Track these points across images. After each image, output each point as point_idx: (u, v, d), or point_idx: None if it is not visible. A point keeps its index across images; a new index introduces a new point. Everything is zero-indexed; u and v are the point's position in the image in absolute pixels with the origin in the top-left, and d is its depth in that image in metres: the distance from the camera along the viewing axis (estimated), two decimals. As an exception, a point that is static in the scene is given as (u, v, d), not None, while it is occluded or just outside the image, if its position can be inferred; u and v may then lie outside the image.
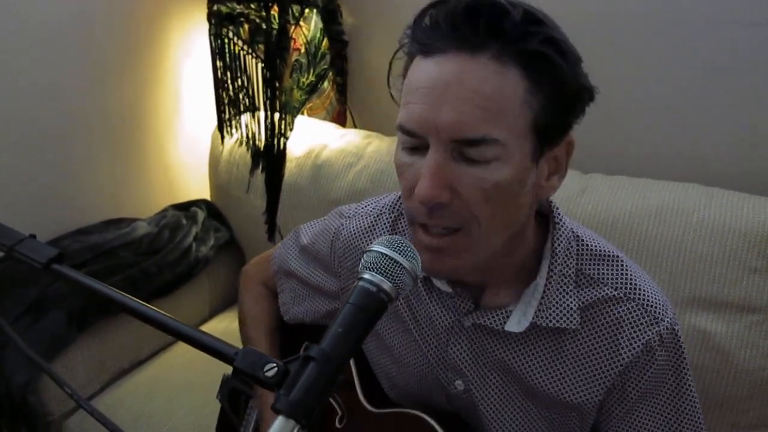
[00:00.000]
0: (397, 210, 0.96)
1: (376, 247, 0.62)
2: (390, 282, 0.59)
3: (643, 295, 0.83)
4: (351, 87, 1.86)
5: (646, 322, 0.82)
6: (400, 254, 0.60)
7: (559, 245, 0.83)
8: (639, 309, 0.82)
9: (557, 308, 0.82)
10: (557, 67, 0.70)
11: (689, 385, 0.85)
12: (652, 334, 0.81)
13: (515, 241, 0.80)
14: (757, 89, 1.35)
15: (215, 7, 1.59)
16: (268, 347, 1.11)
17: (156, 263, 1.57)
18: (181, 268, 1.63)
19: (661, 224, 1.28)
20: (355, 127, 1.90)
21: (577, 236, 0.85)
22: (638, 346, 0.81)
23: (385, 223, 0.96)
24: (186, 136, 1.87)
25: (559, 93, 0.71)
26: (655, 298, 0.83)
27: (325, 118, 1.83)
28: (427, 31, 0.71)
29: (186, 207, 1.80)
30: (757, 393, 1.22)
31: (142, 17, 1.67)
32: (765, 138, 1.38)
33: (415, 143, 0.72)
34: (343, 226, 0.99)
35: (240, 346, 1.20)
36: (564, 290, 0.82)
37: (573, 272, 0.83)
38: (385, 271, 0.59)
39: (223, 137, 1.74)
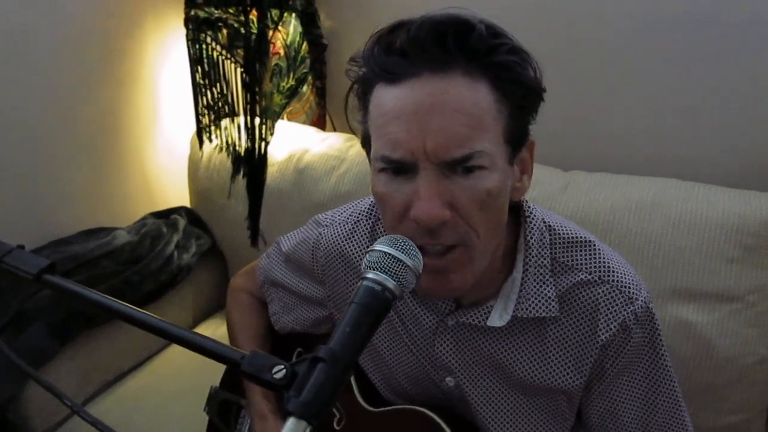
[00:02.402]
0: (374, 215, 0.96)
1: (378, 247, 0.62)
2: (394, 280, 0.60)
3: (617, 276, 0.85)
4: (330, 91, 1.86)
5: (620, 302, 0.84)
6: (403, 253, 0.61)
7: (531, 237, 0.85)
8: (613, 291, 0.85)
9: (536, 299, 0.84)
10: (522, 75, 0.72)
11: (664, 360, 0.89)
12: (628, 313, 0.84)
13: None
14: (730, 86, 1.39)
15: (192, 12, 1.58)
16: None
17: (138, 272, 1.55)
18: (164, 276, 1.61)
19: (642, 219, 1.31)
20: (334, 130, 1.90)
21: (549, 226, 0.87)
22: (615, 326, 0.84)
23: (363, 230, 0.96)
24: (164, 143, 1.85)
25: (525, 99, 0.74)
26: (629, 279, 0.86)
27: (304, 122, 1.82)
28: (393, 58, 0.70)
29: (166, 215, 1.78)
30: (738, 379, 1.25)
31: (117, 24, 1.65)
32: (738, 133, 1.41)
33: (397, 169, 0.72)
34: (322, 236, 1.00)
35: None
36: (541, 280, 0.85)
37: (548, 262, 0.85)
38: (388, 270, 0.60)
39: (202, 143, 1.72)
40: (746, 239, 1.23)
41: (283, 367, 0.55)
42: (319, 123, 1.87)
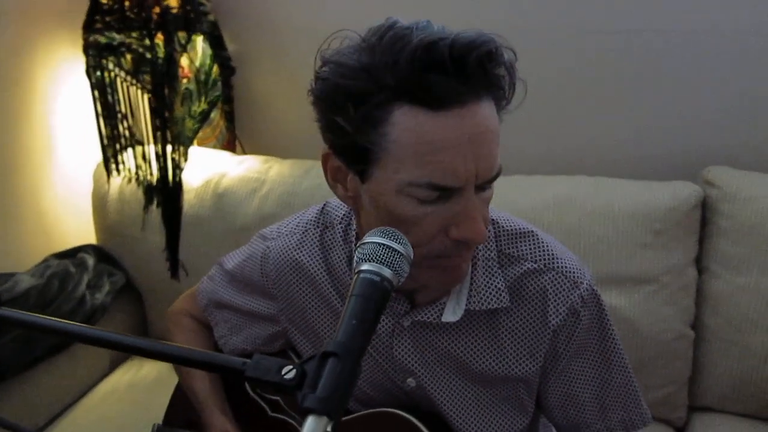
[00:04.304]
0: (322, 224, 0.96)
1: (369, 239, 0.62)
2: (390, 269, 0.60)
3: (561, 263, 0.89)
4: (238, 114, 1.83)
5: (567, 287, 0.87)
6: (395, 242, 0.62)
7: None
8: (559, 277, 0.88)
9: (487, 291, 0.86)
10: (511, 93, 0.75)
11: (614, 339, 0.92)
12: (575, 297, 0.87)
13: None
14: (627, 90, 1.52)
15: (92, 38, 1.50)
16: (208, 382, 1.05)
17: (50, 316, 1.43)
18: (78, 318, 1.50)
19: (559, 214, 1.39)
20: (244, 154, 1.87)
21: (492, 220, 0.90)
22: (564, 310, 0.87)
23: (313, 238, 0.95)
24: (62, 178, 1.73)
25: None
26: (572, 264, 0.89)
27: (215, 147, 1.78)
28: (438, 85, 0.68)
29: (71, 254, 1.66)
30: (661, 354, 1.36)
31: (2, 54, 1.53)
32: (635, 129, 1.55)
33: (439, 195, 0.72)
34: (269, 249, 0.98)
35: (169, 390, 1.14)
36: (489, 273, 0.87)
37: (495, 254, 0.88)
38: (383, 260, 0.60)
39: (109, 175, 1.63)
40: (655, 225, 1.34)
41: (292, 367, 0.53)
42: (230, 148, 1.83)
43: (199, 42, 1.62)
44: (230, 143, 1.83)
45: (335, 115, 0.72)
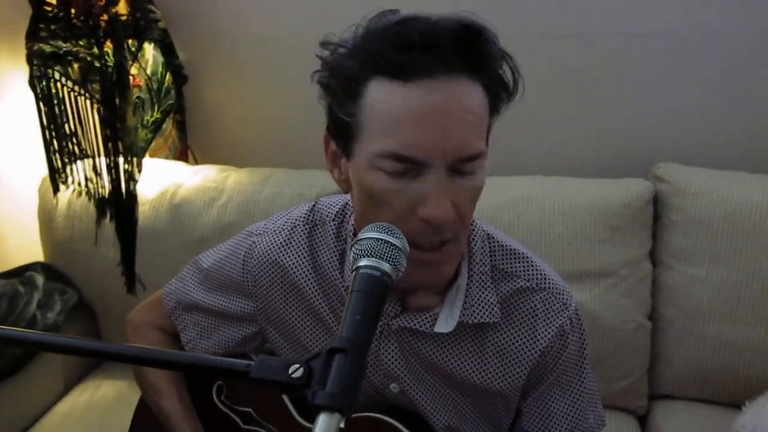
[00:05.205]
0: (311, 221, 0.95)
1: (366, 234, 0.62)
2: (389, 263, 0.60)
3: (552, 284, 0.89)
4: (189, 124, 1.79)
5: (557, 308, 0.88)
6: (391, 236, 0.62)
7: (475, 245, 0.87)
8: (550, 297, 0.88)
9: (480, 305, 0.86)
10: (510, 83, 0.76)
11: (587, 362, 0.94)
12: (564, 318, 0.88)
13: None
14: (577, 91, 1.57)
15: (36, 47, 1.44)
16: (177, 395, 1.01)
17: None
18: (28, 340, 1.42)
19: (520, 214, 1.42)
20: (197, 164, 1.83)
21: (489, 234, 0.90)
22: (553, 331, 0.88)
23: (301, 235, 0.94)
24: (6, 193, 1.65)
25: (504, 104, 0.77)
26: (562, 286, 0.91)
27: (167, 158, 1.74)
28: (406, 56, 0.70)
29: (18, 273, 1.58)
30: (621, 347, 1.40)
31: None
32: (590, 129, 1.60)
33: (406, 168, 0.72)
34: (255, 244, 0.96)
35: (130, 409, 1.09)
36: (483, 286, 0.87)
37: (488, 269, 0.88)
38: (381, 255, 0.60)
39: (57, 190, 1.57)
40: (611, 221, 1.39)
41: (299, 366, 0.53)
42: (182, 158, 1.79)
43: (150, 50, 1.58)
44: (182, 153, 1.78)
45: (327, 94, 0.75)
